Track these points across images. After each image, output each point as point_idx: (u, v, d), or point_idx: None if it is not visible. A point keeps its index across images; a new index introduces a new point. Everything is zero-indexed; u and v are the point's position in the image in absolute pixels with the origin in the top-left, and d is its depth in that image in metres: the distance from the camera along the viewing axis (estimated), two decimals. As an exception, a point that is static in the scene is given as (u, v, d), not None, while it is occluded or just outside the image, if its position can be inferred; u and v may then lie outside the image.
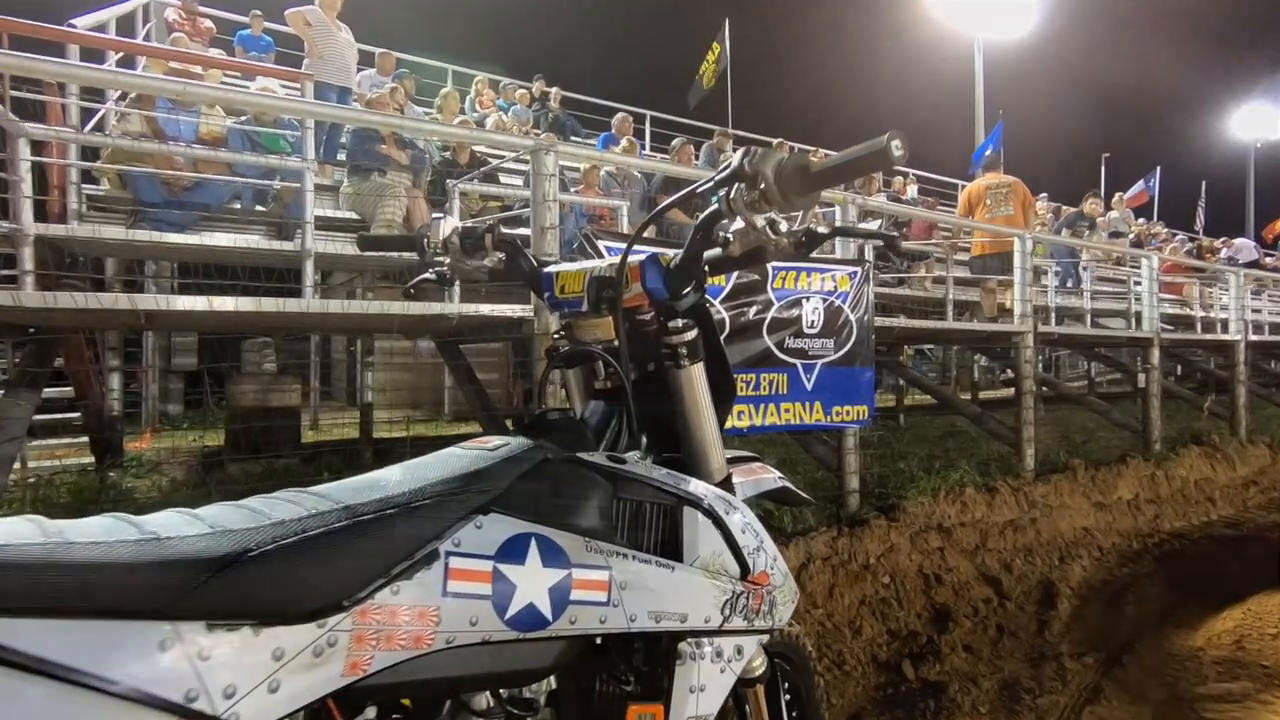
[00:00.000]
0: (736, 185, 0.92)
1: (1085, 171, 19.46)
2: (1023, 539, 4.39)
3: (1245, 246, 13.38)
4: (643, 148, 10.76)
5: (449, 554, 0.80)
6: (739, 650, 1.11)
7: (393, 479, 0.88)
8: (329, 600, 0.73)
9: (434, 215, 1.35)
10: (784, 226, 0.93)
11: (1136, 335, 6.79)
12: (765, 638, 1.17)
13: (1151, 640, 3.25)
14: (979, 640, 3.28)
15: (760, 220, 0.92)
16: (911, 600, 3.54)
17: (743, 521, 1.10)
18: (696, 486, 1.06)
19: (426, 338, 4.94)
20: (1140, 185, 17.60)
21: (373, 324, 3.99)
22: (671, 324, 1.12)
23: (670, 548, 1.00)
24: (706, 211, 1.00)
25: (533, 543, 0.86)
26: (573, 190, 6.31)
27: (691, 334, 1.12)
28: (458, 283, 4.69)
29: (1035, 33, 18.70)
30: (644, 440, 1.17)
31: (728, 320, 3.58)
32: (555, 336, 1.18)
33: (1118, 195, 15.04)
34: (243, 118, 5.04)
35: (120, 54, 5.77)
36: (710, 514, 1.02)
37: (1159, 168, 18.23)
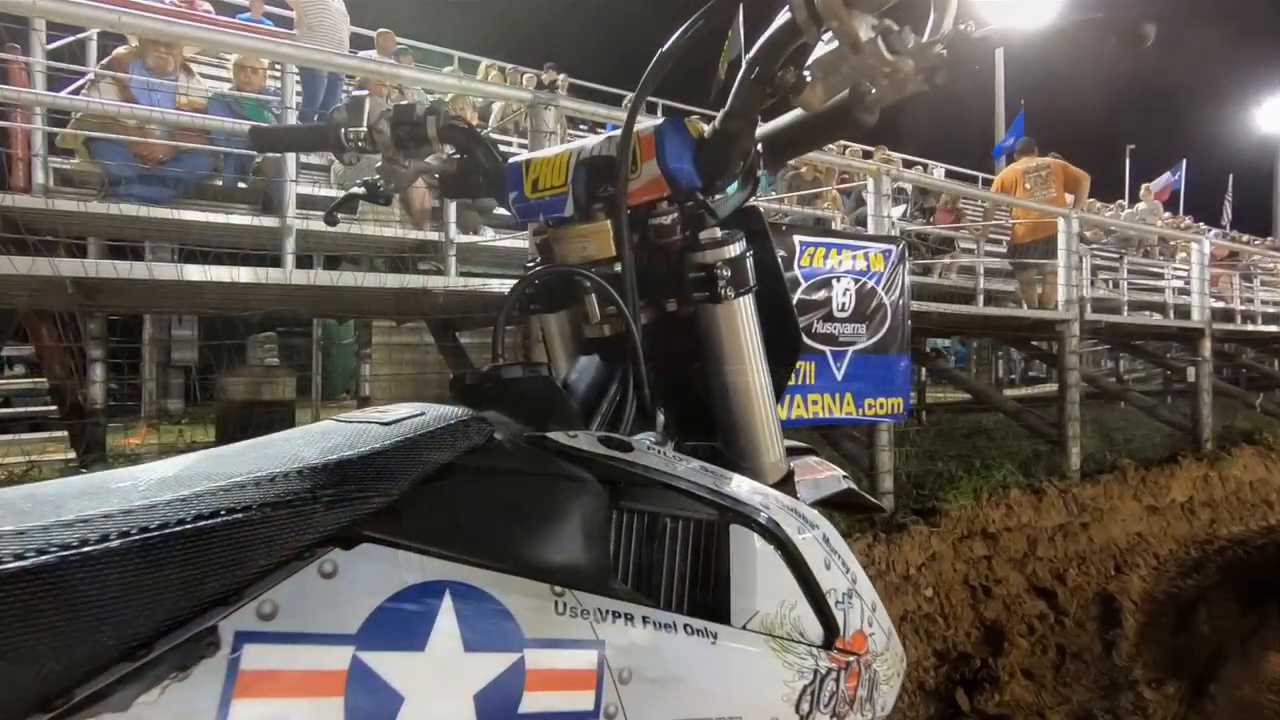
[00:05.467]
0: None
1: (1109, 164, 18.91)
2: (1074, 546, 3.98)
3: None
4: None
5: (242, 637, 0.37)
6: None
7: (189, 474, 0.43)
8: None
9: (354, 93, 0.92)
10: (910, 40, 0.52)
11: (1186, 325, 6.34)
12: None
13: (1239, 665, 2.84)
14: (1039, 664, 2.88)
15: (867, 28, 0.51)
16: (959, 616, 3.13)
17: (825, 549, 0.64)
18: (748, 489, 0.60)
19: (419, 320, 4.57)
20: (1166, 177, 17.03)
21: (348, 301, 3.64)
22: (706, 234, 0.69)
23: (709, 600, 0.55)
24: (771, 29, 0.59)
25: (446, 600, 0.41)
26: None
27: (737, 248, 0.69)
28: (454, 260, 4.33)
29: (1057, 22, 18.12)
30: (661, 416, 0.72)
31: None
32: (528, 264, 0.76)
33: (1145, 187, 14.53)
34: (224, 86, 4.71)
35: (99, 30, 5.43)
36: (774, 536, 0.57)
37: (1185, 161, 17.66)
